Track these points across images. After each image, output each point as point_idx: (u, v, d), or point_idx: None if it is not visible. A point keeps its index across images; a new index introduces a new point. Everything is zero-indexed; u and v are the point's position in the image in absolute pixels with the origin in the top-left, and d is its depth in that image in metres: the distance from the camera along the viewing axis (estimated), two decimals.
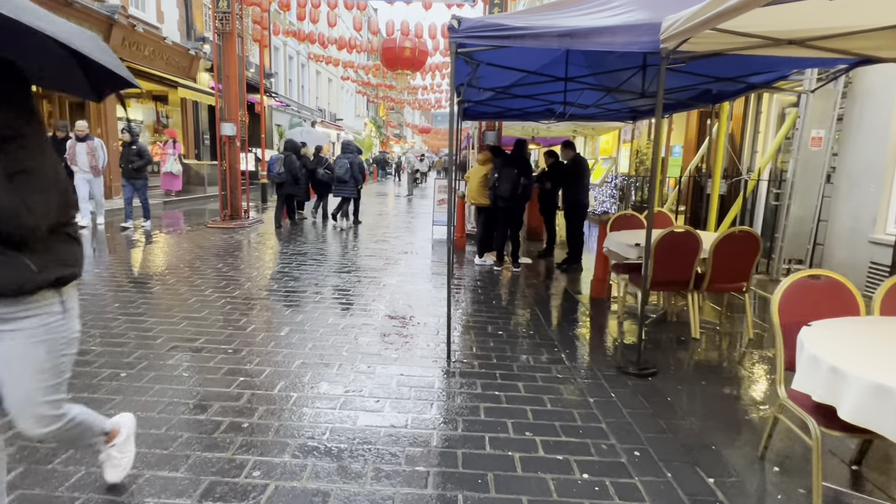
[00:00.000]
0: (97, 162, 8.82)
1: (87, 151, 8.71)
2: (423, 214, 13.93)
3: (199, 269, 6.35)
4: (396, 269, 6.83)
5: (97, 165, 8.85)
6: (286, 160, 10.26)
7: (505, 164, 6.82)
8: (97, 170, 8.89)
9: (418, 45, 19.32)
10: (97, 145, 8.90)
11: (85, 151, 8.70)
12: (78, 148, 8.69)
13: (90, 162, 8.76)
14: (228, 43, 9.74)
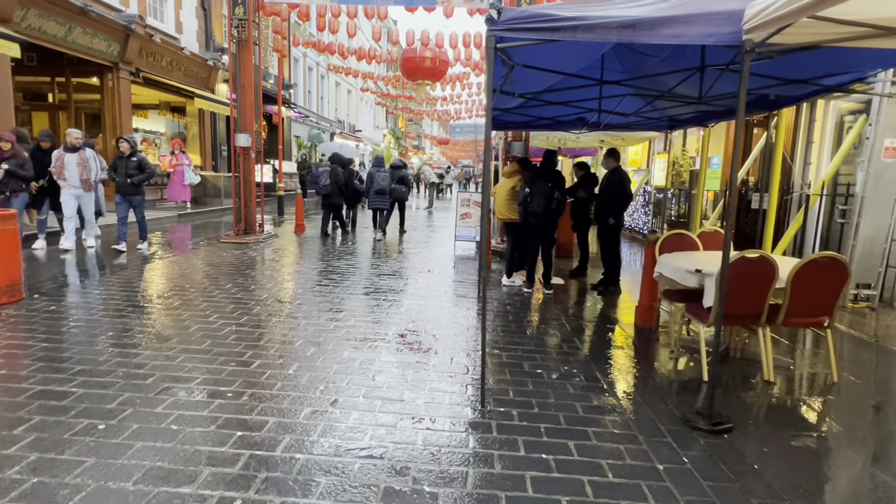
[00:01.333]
0: (89, 175, 7.87)
1: (79, 163, 7.75)
2: (444, 228, 13.41)
3: (206, 291, 5.89)
4: (418, 290, 6.29)
5: (89, 179, 7.88)
6: (332, 172, 10.69)
7: (536, 176, 6.27)
8: (88, 184, 7.91)
9: (439, 54, 18.96)
10: (89, 156, 7.92)
11: (75, 163, 7.74)
12: (67, 159, 7.72)
13: (81, 175, 7.78)
14: (244, 51, 9.39)
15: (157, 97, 15.05)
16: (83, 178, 7.82)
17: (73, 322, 4.59)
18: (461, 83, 24.05)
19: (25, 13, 9.26)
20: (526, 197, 6.26)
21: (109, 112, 12.19)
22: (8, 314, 4.74)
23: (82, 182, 7.83)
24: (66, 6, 9.98)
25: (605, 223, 6.73)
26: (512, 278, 6.92)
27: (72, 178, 7.73)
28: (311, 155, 25.98)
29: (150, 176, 8.35)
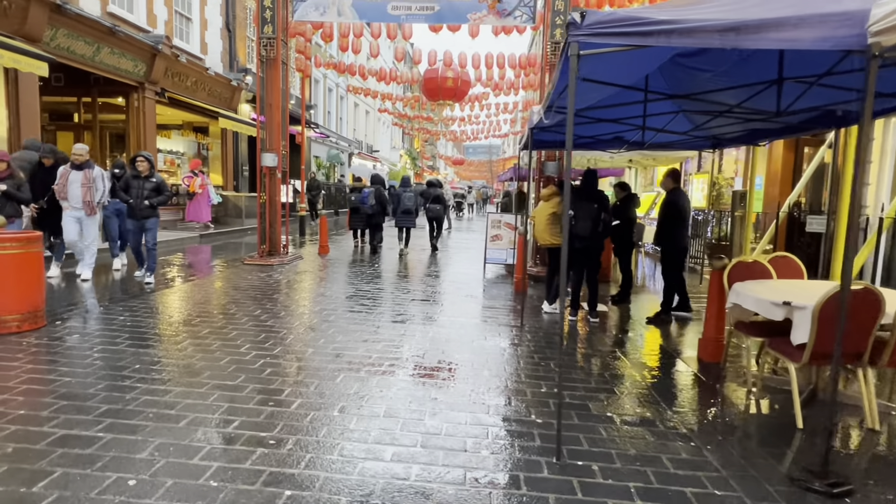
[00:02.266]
0: (93, 196, 6.95)
1: (83, 182, 6.90)
2: (467, 250, 13.06)
3: (234, 318, 5.57)
4: (455, 318, 5.92)
5: (92, 201, 6.95)
6: (377, 193, 11.31)
7: (580, 197, 5.92)
8: (91, 206, 6.97)
9: (460, 74, 18.87)
10: (97, 175, 7.04)
11: (80, 182, 6.89)
12: (72, 177, 6.88)
13: (84, 196, 6.88)
14: (272, 70, 9.24)
15: (180, 117, 15.04)
16: (86, 200, 6.95)
17: (97, 352, 4.28)
18: (480, 104, 23.99)
19: (55, 33, 9.22)
20: (570, 219, 5.90)
21: (134, 132, 12.13)
22: (29, 343, 4.45)
23: (84, 204, 6.95)
24: (96, 26, 9.95)
25: (669, 247, 6.37)
26: (554, 305, 6.53)
27: (74, 198, 6.88)
28: (331, 175, 25.94)
29: (169, 198, 7.67)
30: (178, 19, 13.69)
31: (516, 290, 7.69)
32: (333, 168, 26.42)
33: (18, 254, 4.62)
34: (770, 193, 9.01)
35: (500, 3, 9.00)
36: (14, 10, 8.34)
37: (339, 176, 26.67)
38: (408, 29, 13.44)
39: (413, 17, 9.18)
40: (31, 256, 4.76)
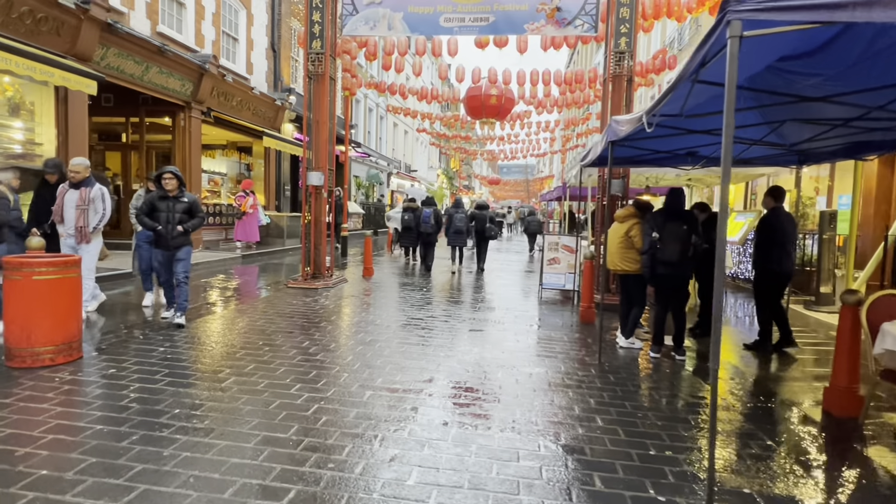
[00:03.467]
0: (86, 221, 5.82)
1: (78, 204, 5.78)
2: (513, 272, 12.38)
3: (281, 350, 5.07)
4: (522, 354, 5.27)
5: (85, 226, 5.82)
6: (435, 213, 11.88)
7: (667, 218, 5.23)
8: (83, 233, 5.83)
9: (505, 92, 18.41)
10: (95, 195, 5.87)
11: (74, 204, 5.78)
12: (68, 197, 5.80)
13: (77, 220, 5.78)
14: (320, 86, 8.92)
15: (224, 137, 15.02)
16: (78, 225, 5.80)
17: (133, 392, 3.81)
18: (521, 122, 23.50)
19: (105, 52, 9.15)
20: (653, 243, 5.22)
21: (179, 151, 12.04)
22: (62, 379, 4.03)
23: (76, 231, 5.82)
24: (145, 45, 9.89)
25: (768, 272, 5.62)
26: (631, 339, 5.81)
27: (68, 222, 5.85)
28: (370, 194, 25.76)
29: (203, 221, 6.29)
30: (226, 39, 13.70)
31: (582, 319, 6.99)
32: (373, 188, 26.27)
33: (54, 279, 4.24)
34: (864, 214, 8.10)
35: (559, 13, 8.48)
36: (66, 30, 8.28)
37: (378, 196, 26.49)
38: (453, 45, 13.09)
39: (466, 28, 8.74)
40: (68, 283, 4.38)
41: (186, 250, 5.97)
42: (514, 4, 8.57)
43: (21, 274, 4.16)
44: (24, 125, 8.50)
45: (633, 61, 8.17)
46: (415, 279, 10.49)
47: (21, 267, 4.18)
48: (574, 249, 8.86)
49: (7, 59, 6.73)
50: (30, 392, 3.74)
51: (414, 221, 12.11)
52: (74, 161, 5.93)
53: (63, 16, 8.12)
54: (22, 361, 4.19)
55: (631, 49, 8.14)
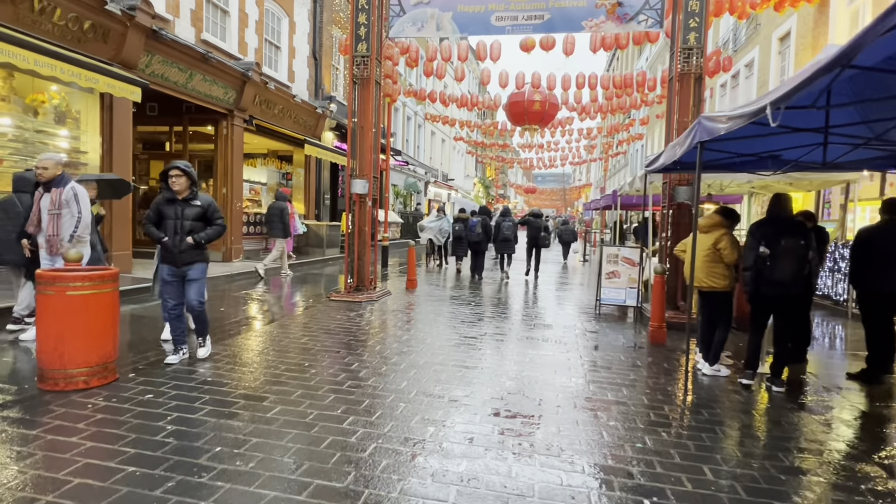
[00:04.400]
0: (57, 229, 4.98)
1: (49, 208, 4.97)
2: (555, 283, 11.72)
3: (328, 374, 4.61)
4: (596, 382, 4.68)
5: (56, 235, 4.98)
6: (483, 222, 12.12)
7: (782, 231, 4.55)
8: (54, 244, 5.00)
9: (548, 97, 17.82)
10: (68, 196, 5.02)
11: (46, 208, 4.99)
12: (42, 202, 5.02)
13: (48, 227, 4.98)
14: (365, 90, 8.55)
15: (266, 146, 14.90)
16: (49, 235, 4.97)
17: (170, 423, 3.40)
18: (562, 129, 22.84)
19: (150, 59, 9.03)
20: (760, 258, 4.56)
21: (221, 159, 11.91)
22: (95, 405, 3.66)
23: (46, 241, 5.00)
24: (190, 53, 9.76)
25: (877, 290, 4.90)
26: (716, 366, 5.13)
27: (43, 231, 5.03)
28: (408, 203, 25.48)
29: (222, 231, 4.84)
30: (268, 47, 13.59)
31: (652, 340, 6.33)
32: (410, 196, 25.98)
33: (89, 295, 3.89)
34: None
35: (620, 7, 7.89)
36: (112, 37, 8.16)
37: (415, 204, 26.18)
38: (496, 50, 12.63)
39: (519, 27, 8.25)
40: (105, 298, 4.03)
41: (200, 268, 4.73)
42: (571, 1, 8.03)
43: (54, 289, 3.84)
44: (70, 133, 8.41)
45: (704, 57, 7.51)
46: (461, 292, 9.97)
47: (54, 281, 3.85)
48: (635, 262, 8.19)
49: (53, 66, 6.58)
50: (59, 422, 3.37)
51: (464, 231, 12.38)
52: (42, 156, 5.13)
53: (109, 22, 8.01)
54: (54, 384, 3.85)
55: (701, 45, 7.49)
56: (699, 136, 4.46)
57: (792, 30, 13.40)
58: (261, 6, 12.93)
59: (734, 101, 17.45)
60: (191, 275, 4.67)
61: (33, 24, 7.07)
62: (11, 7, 6.79)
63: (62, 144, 8.28)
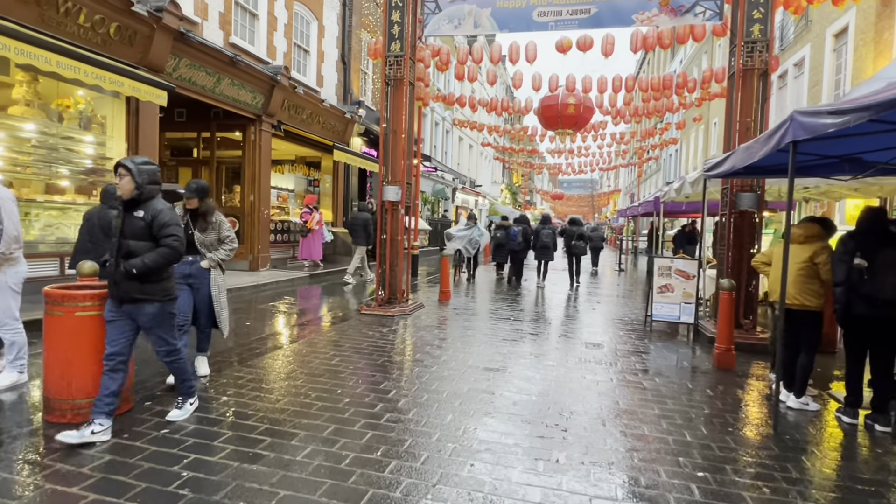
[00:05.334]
0: None
1: None
2: (595, 294, 11.04)
3: (363, 403, 4.11)
4: (668, 414, 4.07)
5: None
6: (524, 231, 12.59)
7: (879, 241, 3.91)
8: None
9: (583, 100, 17.19)
10: None
11: None
12: None
13: None
14: (398, 92, 8.10)
15: (294, 152, 14.62)
16: None
17: (186, 468, 2.94)
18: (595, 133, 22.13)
19: (177, 63, 8.75)
20: (860, 272, 3.91)
21: (249, 166, 11.61)
22: (103, 445, 3.22)
23: None
24: (218, 56, 9.47)
25: None
26: (804, 399, 4.47)
27: None
28: (436, 210, 25.03)
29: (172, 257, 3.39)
30: (297, 51, 13.31)
31: (718, 364, 5.66)
32: (438, 203, 25.52)
33: (99, 315, 3.47)
34: None
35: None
36: (138, 39, 7.89)
37: (443, 211, 25.70)
38: (532, 50, 12.09)
39: (564, 23, 7.70)
40: None
41: (151, 313, 3.38)
42: None
43: (63, 309, 3.43)
44: (96, 139, 8.16)
45: (770, 51, 6.84)
46: (497, 305, 9.40)
47: (63, 300, 3.44)
48: (690, 275, 7.52)
49: (76, 68, 6.29)
50: (61, 465, 2.94)
51: (505, 238, 12.80)
52: None
53: (136, 24, 7.74)
54: (62, 416, 3.44)
55: (766, 38, 6.82)
56: (792, 135, 3.83)
57: (850, 25, 12.53)
58: (290, 9, 12.66)
59: (781, 103, 16.52)
60: (141, 321, 3.40)
61: (58, 27, 6.81)
62: (36, 9, 6.54)
63: (87, 150, 8.03)
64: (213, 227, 4.46)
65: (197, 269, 4.40)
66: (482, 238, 12.93)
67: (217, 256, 4.44)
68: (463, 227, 13.26)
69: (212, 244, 4.46)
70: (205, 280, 4.43)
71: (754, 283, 6.95)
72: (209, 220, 4.44)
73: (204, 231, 4.41)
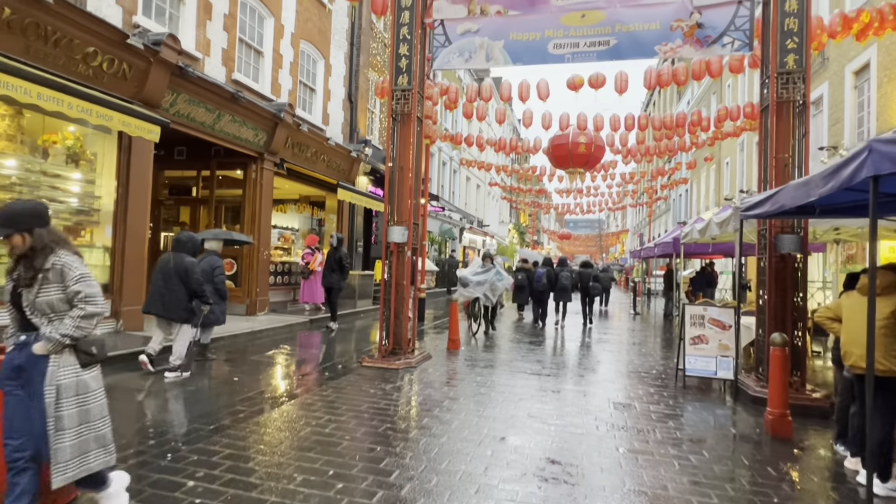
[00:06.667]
0: None
1: None
2: (613, 341, 10.25)
3: (359, 489, 3.39)
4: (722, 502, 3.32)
5: None
6: (548, 273, 12.97)
7: None
8: None
9: (594, 139, 16.80)
10: None
11: None
12: None
13: None
14: (405, 128, 7.63)
15: (297, 191, 14.18)
16: None
17: None
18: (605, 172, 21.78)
19: (175, 98, 8.37)
20: None
21: (249, 205, 11.12)
22: None
23: None
24: (218, 91, 9.11)
25: None
26: (891, 484, 3.69)
27: None
28: (443, 250, 24.48)
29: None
30: (303, 90, 13.04)
31: (773, 433, 4.89)
32: (445, 243, 25.00)
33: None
34: None
35: (700, 29, 6.84)
36: (134, 73, 7.52)
37: (450, 251, 25.16)
38: (543, 88, 11.76)
39: (581, 55, 7.26)
40: None
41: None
42: (641, 23, 7.04)
43: None
44: (84, 176, 7.68)
45: (807, 82, 6.32)
46: (512, 354, 8.66)
47: None
48: (726, 325, 6.81)
49: (59, 100, 5.84)
50: None
51: (527, 280, 13.19)
52: None
53: (131, 58, 7.38)
54: None
55: (803, 68, 6.32)
56: (872, 169, 3.22)
57: (872, 61, 12.14)
58: (296, 47, 12.45)
59: None
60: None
61: (45, 59, 6.43)
62: (22, 40, 6.17)
63: (73, 188, 7.54)
64: (51, 276, 2.61)
65: (27, 356, 2.61)
66: (502, 282, 10.75)
67: (58, 334, 2.57)
68: (479, 270, 10.82)
69: (54, 309, 2.62)
70: (39, 376, 2.59)
71: (800, 334, 6.23)
72: (40, 263, 2.60)
73: (32, 285, 2.60)
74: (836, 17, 8.99)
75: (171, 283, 5.99)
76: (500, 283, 10.67)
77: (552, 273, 12.98)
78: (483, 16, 7.58)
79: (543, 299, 12.96)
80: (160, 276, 6.02)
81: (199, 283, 6.08)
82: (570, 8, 7.27)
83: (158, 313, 6.08)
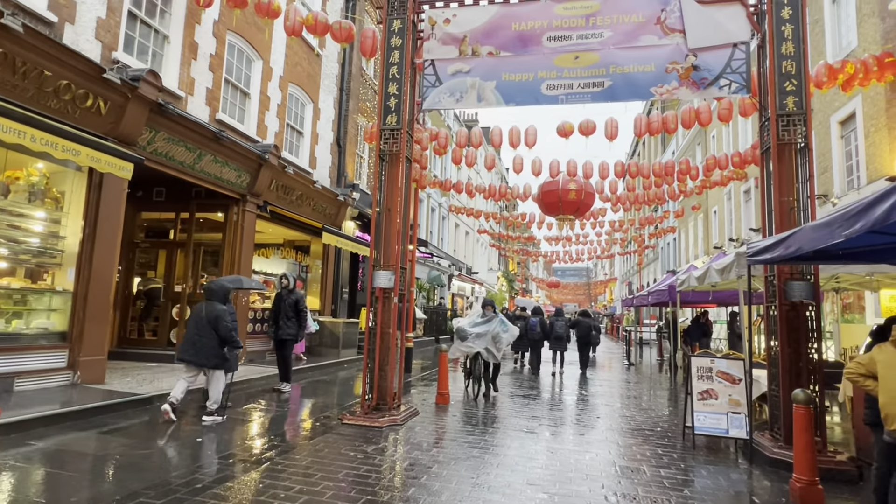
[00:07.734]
0: None
1: None
2: (612, 395, 9.68)
3: None
4: None
5: None
6: (542, 322, 13.40)
7: None
8: None
9: (584, 186, 16.71)
10: None
11: None
12: None
13: None
14: (393, 168, 7.31)
15: (281, 235, 13.73)
16: None
17: None
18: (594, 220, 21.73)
19: (153, 136, 8.03)
20: None
21: (229, 248, 10.63)
22: None
23: None
24: (199, 130, 8.80)
25: None
26: None
27: None
28: (431, 297, 23.94)
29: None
30: (290, 132, 12.83)
31: (802, 502, 4.35)
32: (433, 290, 24.49)
33: None
34: None
35: (696, 72, 6.70)
36: (110, 109, 7.18)
37: (439, 298, 24.62)
38: (531, 135, 11.70)
39: (575, 96, 7.07)
40: None
41: None
42: (636, 65, 6.89)
43: None
44: (48, 216, 7.20)
45: (808, 125, 6.14)
46: (506, 410, 8.05)
47: None
48: (736, 378, 6.34)
49: (20, 132, 5.43)
50: None
51: (524, 329, 12.96)
52: None
53: (107, 93, 7.06)
54: None
55: (803, 111, 6.15)
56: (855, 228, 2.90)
57: (857, 111, 12.26)
58: (284, 90, 12.30)
59: None
60: None
61: (13, 90, 6.07)
62: None
63: (35, 227, 7.03)
64: None
65: None
66: (507, 333, 9.05)
67: None
68: (478, 320, 9.23)
69: None
70: None
71: (818, 389, 5.77)
72: None
73: None
74: (821, 68, 9.03)
75: (203, 331, 6.32)
76: (504, 335, 8.95)
77: (545, 322, 13.55)
78: (475, 56, 7.41)
79: (538, 348, 13.43)
80: (193, 324, 6.38)
81: (227, 331, 6.34)
82: (563, 49, 7.13)
83: (191, 361, 6.31)
